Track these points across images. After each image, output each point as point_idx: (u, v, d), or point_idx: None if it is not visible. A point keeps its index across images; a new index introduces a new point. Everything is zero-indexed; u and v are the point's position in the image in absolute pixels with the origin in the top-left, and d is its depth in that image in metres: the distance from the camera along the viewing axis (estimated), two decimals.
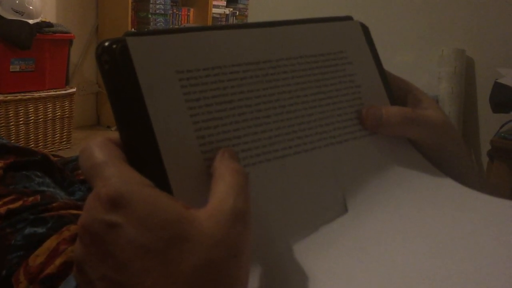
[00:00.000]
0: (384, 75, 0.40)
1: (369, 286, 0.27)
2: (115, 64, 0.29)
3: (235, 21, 4.32)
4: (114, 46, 0.29)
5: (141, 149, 0.28)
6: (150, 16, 3.38)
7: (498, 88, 1.29)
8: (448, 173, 0.38)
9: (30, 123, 2.63)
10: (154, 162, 0.28)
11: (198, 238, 0.24)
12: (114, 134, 0.29)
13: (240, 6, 4.34)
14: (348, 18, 0.41)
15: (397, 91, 0.40)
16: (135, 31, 0.30)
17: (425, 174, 0.37)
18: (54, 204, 0.60)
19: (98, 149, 0.27)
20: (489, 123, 1.57)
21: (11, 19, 2.48)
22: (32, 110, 2.62)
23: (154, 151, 0.28)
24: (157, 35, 0.31)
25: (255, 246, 0.28)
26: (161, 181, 0.27)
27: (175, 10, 3.59)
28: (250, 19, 2.22)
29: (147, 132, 0.28)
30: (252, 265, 0.27)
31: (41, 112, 2.67)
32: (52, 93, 2.71)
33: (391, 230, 0.31)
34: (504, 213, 0.32)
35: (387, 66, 0.41)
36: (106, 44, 0.29)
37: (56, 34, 2.68)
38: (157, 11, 3.44)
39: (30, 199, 0.60)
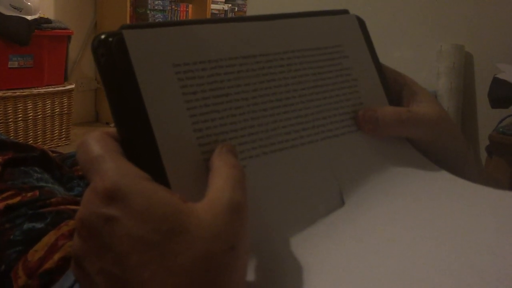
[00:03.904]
0: (380, 69, 0.41)
1: (366, 278, 0.27)
2: (111, 57, 0.28)
3: None
4: (110, 39, 0.29)
5: (138, 142, 0.28)
6: (148, 12, 3.37)
7: (497, 84, 1.29)
8: (445, 166, 0.38)
9: (29, 119, 2.63)
10: (152, 156, 0.28)
11: (196, 231, 0.24)
12: (112, 129, 0.29)
13: (239, 2, 4.33)
14: (344, 12, 0.41)
15: (393, 84, 0.41)
16: (132, 24, 0.30)
17: (420, 167, 0.37)
18: (52, 200, 0.60)
19: (95, 142, 0.27)
20: (488, 119, 1.57)
21: (9, 15, 2.47)
22: (30, 106, 2.62)
23: (151, 145, 0.28)
24: (154, 28, 0.31)
25: (252, 238, 0.28)
26: (159, 175, 0.27)
27: (173, 6, 3.58)
28: (249, 13, 2.21)
29: (144, 126, 0.28)
30: (249, 257, 0.28)
31: (39, 109, 2.67)
32: (50, 89, 2.70)
33: (387, 223, 0.31)
34: (501, 204, 0.32)
35: (385, 62, 0.41)
36: (102, 37, 0.29)
37: (55, 30, 2.68)
38: (156, 7, 3.43)
39: (29, 194, 0.60)
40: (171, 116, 0.29)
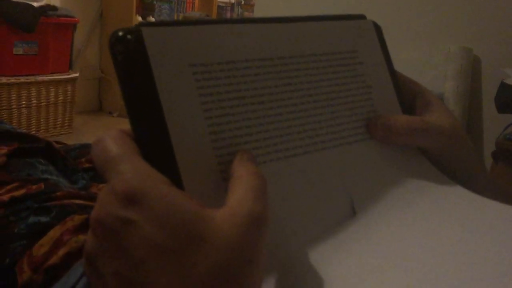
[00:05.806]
0: (394, 76, 0.40)
1: None
2: (129, 55, 0.28)
3: (240, 10, 4.29)
4: (129, 36, 0.28)
5: (153, 143, 0.28)
6: (155, 2, 3.36)
7: (504, 89, 1.29)
8: (457, 177, 0.38)
9: (32, 106, 2.63)
10: (166, 157, 0.28)
11: (214, 240, 0.23)
12: (129, 128, 0.28)
13: None
14: (361, 17, 0.40)
15: (407, 93, 0.40)
16: (149, 21, 0.30)
17: (433, 180, 0.37)
18: (58, 193, 0.60)
19: (113, 142, 0.27)
20: (494, 123, 1.56)
21: (15, 1, 2.46)
22: (34, 93, 2.62)
23: (166, 146, 0.28)
24: (172, 27, 0.30)
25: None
26: (173, 177, 0.27)
27: None
28: (257, 8, 2.21)
29: (160, 126, 0.28)
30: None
31: (43, 96, 2.66)
32: (55, 77, 2.70)
33: (398, 236, 0.31)
34: None
35: (393, 63, 0.41)
36: (120, 34, 0.28)
37: (61, 18, 2.67)
38: None
39: (34, 187, 0.60)
40: (187, 117, 0.29)
